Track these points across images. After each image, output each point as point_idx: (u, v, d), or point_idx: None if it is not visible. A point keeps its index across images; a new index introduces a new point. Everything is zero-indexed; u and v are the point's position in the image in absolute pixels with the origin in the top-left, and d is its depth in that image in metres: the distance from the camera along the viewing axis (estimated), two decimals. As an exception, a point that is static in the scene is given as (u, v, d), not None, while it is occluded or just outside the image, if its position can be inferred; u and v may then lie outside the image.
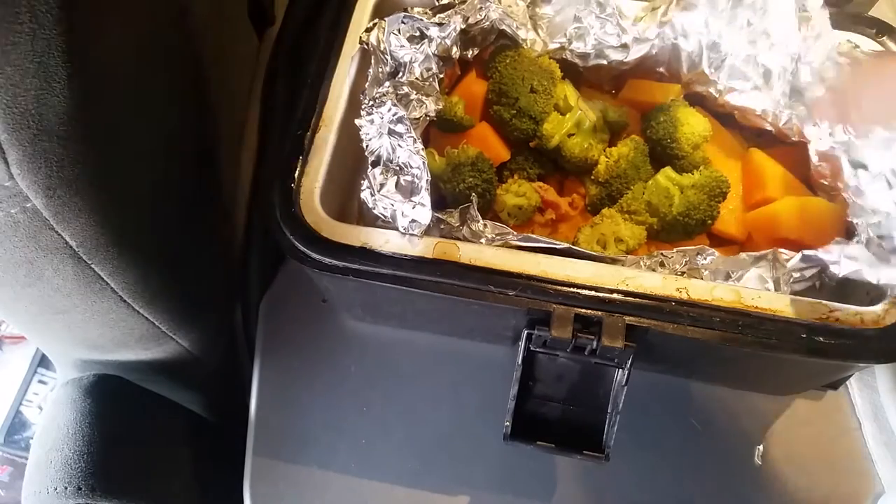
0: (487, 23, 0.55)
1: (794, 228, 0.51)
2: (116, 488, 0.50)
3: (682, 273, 0.45)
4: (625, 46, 0.56)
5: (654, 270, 0.45)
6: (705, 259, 0.45)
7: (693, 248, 0.45)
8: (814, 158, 0.52)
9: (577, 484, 0.55)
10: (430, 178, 0.43)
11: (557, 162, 0.57)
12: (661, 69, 0.58)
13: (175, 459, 0.61)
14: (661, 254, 0.46)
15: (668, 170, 0.54)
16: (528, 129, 0.54)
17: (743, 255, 0.45)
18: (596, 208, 0.55)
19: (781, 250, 0.45)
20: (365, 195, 0.45)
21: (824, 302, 0.43)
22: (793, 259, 0.44)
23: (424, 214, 0.43)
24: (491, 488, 0.55)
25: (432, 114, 0.51)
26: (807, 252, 0.44)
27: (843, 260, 0.43)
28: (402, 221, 0.44)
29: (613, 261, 0.45)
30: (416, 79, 0.50)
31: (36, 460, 0.51)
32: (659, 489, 0.55)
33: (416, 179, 0.44)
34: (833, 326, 0.43)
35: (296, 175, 0.47)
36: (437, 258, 0.44)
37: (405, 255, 0.44)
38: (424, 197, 0.43)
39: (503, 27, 0.55)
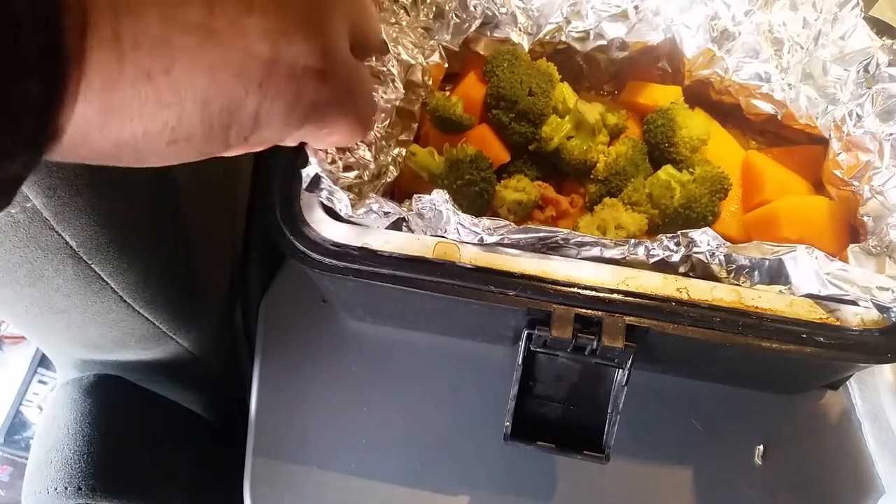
0: (453, 4, 0.54)
1: (794, 228, 0.51)
2: (116, 488, 0.50)
3: (686, 256, 0.44)
4: (625, 15, 0.56)
5: (657, 257, 0.44)
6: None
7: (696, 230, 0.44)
8: (835, 146, 0.52)
9: (577, 484, 0.55)
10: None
11: (557, 165, 0.57)
12: (663, 63, 0.58)
13: (175, 459, 0.61)
14: (663, 237, 0.44)
15: (669, 167, 0.54)
16: (528, 132, 0.54)
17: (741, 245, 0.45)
18: (596, 206, 0.55)
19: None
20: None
21: (824, 302, 0.43)
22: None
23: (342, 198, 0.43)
24: (491, 488, 0.54)
25: (391, 100, 0.50)
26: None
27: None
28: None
29: (617, 245, 0.44)
30: (374, 65, 0.49)
31: (36, 460, 0.51)
32: (659, 489, 0.55)
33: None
34: (833, 326, 0.43)
35: (295, 175, 0.47)
36: (437, 258, 0.44)
37: (405, 255, 0.44)
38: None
39: (484, 5, 0.55)
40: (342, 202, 0.43)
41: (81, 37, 0.18)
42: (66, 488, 0.48)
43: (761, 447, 0.56)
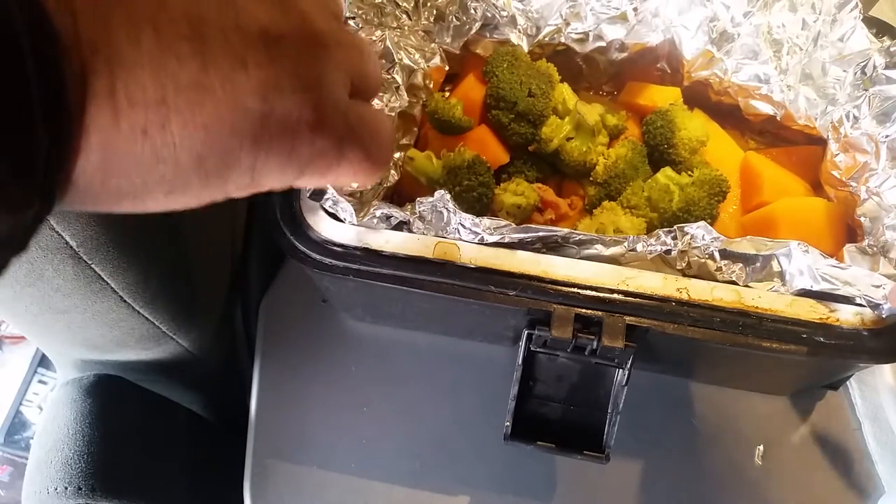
0: (454, 7, 0.55)
1: (792, 229, 0.51)
2: (116, 488, 0.50)
3: (683, 252, 0.44)
4: (624, 17, 0.56)
5: (655, 251, 0.44)
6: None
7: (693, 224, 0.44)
8: (833, 147, 0.52)
9: (577, 484, 0.55)
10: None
11: (556, 166, 0.57)
12: (662, 64, 0.58)
13: (175, 459, 0.61)
14: (660, 232, 0.44)
15: (667, 169, 0.54)
16: (527, 133, 0.54)
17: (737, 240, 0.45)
18: (595, 209, 0.55)
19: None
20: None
21: (824, 302, 0.43)
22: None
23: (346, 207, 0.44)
24: (491, 488, 0.54)
25: (395, 108, 0.50)
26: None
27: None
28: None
29: (615, 242, 0.44)
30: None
31: (36, 460, 0.51)
32: (659, 489, 0.55)
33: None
34: (833, 326, 0.43)
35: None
36: (437, 258, 0.44)
37: (405, 255, 0.44)
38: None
39: (484, 8, 0.55)
40: (346, 211, 0.44)
41: (82, 94, 0.18)
42: (66, 488, 0.48)
43: (761, 447, 0.56)
